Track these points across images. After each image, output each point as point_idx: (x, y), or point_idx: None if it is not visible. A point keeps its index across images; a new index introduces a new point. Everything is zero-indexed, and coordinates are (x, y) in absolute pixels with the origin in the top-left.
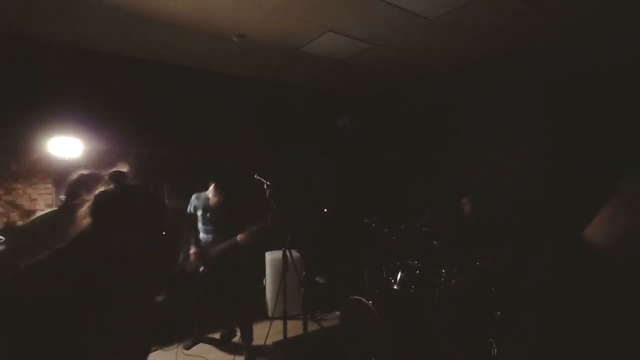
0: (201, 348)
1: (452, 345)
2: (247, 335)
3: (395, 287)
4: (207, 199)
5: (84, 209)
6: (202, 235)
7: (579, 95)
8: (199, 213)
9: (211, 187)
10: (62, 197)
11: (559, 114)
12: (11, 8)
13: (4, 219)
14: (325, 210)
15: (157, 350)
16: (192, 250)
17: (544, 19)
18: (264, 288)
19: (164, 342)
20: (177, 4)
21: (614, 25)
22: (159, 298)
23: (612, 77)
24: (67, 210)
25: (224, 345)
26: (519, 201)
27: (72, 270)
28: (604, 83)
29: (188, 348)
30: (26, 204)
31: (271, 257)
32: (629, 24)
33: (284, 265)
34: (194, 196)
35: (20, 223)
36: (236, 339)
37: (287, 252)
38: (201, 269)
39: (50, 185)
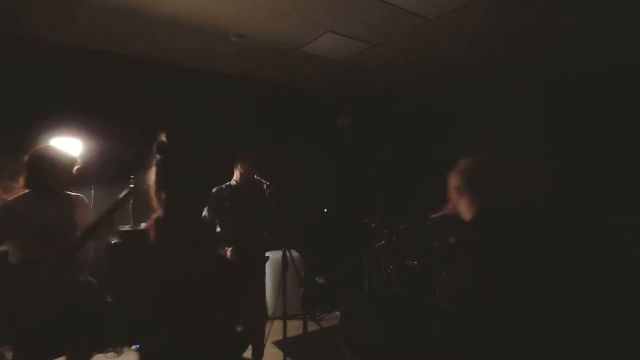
0: None
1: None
2: (261, 336)
3: (395, 287)
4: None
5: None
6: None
7: (577, 96)
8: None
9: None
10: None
11: (558, 115)
12: (11, 8)
13: None
14: (325, 210)
15: None
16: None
17: (543, 20)
18: (264, 288)
19: None
20: (176, 4)
21: (613, 26)
22: None
23: (611, 78)
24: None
25: None
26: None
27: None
28: (603, 84)
29: None
30: None
31: (271, 257)
32: (628, 25)
33: (284, 265)
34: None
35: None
36: None
37: (287, 252)
38: None
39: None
